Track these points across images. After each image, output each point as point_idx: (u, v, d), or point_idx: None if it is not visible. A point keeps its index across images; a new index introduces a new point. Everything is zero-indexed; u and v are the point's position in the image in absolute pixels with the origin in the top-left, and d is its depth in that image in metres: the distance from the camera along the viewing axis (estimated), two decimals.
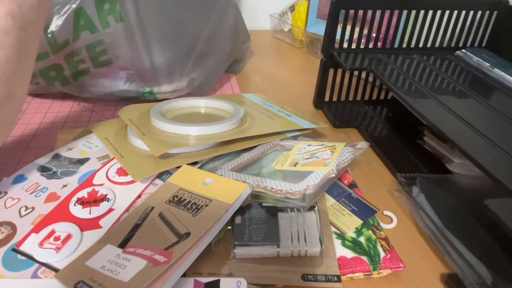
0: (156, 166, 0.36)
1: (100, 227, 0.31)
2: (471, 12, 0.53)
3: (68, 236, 0.30)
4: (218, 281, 0.27)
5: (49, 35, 0.45)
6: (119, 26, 0.46)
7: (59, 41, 0.46)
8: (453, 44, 0.55)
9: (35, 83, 0.51)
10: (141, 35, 0.48)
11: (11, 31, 0.27)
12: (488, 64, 0.50)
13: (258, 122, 0.45)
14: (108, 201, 0.34)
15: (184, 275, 0.27)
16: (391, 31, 0.52)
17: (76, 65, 0.48)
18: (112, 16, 0.46)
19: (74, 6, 0.45)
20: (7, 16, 0.27)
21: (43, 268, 0.28)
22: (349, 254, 0.31)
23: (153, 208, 0.32)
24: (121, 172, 0.37)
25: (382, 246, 0.32)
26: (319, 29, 0.77)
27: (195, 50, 0.52)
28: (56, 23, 0.45)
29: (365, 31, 0.51)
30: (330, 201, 0.36)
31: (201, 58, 0.53)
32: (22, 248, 0.29)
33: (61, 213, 0.32)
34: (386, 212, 0.37)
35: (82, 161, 0.39)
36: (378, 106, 0.57)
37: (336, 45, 0.52)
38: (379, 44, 0.53)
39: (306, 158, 0.39)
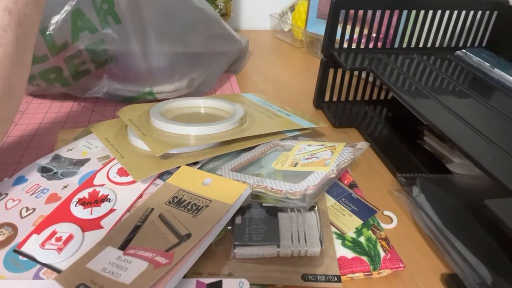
0: (156, 166, 0.36)
1: (101, 227, 0.31)
2: (471, 12, 0.53)
3: (70, 237, 0.30)
4: (220, 282, 0.27)
5: (47, 38, 0.45)
6: (119, 26, 0.46)
7: (57, 43, 0.46)
8: (453, 44, 0.55)
9: (36, 85, 0.51)
10: (140, 36, 0.48)
11: (8, 27, 0.27)
12: (488, 64, 0.50)
13: (258, 122, 0.45)
14: (109, 201, 0.34)
15: (184, 276, 0.27)
16: (391, 31, 0.52)
17: (77, 66, 0.48)
18: (111, 16, 0.46)
19: (70, 7, 0.45)
20: (4, 12, 0.27)
21: (45, 269, 0.28)
22: (349, 254, 0.31)
23: (153, 209, 0.32)
24: (121, 172, 0.37)
25: (382, 246, 0.32)
26: (319, 29, 0.77)
27: (194, 51, 0.52)
28: (53, 26, 0.45)
29: (365, 31, 0.51)
30: (330, 201, 0.36)
31: (200, 59, 0.53)
32: (24, 249, 0.29)
33: (62, 214, 0.32)
34: (386, 212, 0.38)
35: (82, 162, 0.39)
36: (378, 106, 0.58)
37: (336, 45, 0.52)
38: (379, 44, 0.53)
39: (306, 158, 0.39)
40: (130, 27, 0.47)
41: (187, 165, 0.37)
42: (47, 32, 0.45)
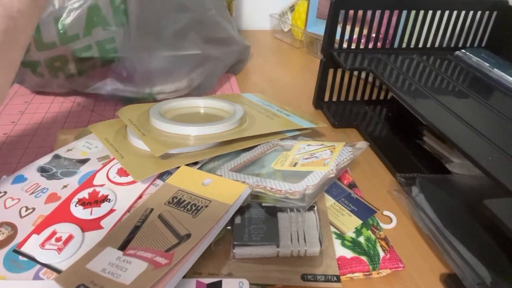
0: (156, 166, 0.36)
1: (101, 227, 0.31)
2: (471, 12, 0.53)
3: (70, 237, 0.30)
4: (220, 282, 0.27)
5: (59, 27, 0.45)
6: (128, 26, 0.46)
7: (68, 34, 0.46)
8: (453, 44, 0.55)
9: (39, 74, 0.50)
10: (144, 37, 0.48)
11: None
12: (488, 64, 0.50)
13: (257, 122, 0.45)
14: (109, 201, 0.34)
15: (184, 276, 0.27)
16: (391, 31, 0.52)
17: (84, 60, 0.48)
18: (125, 17, 0.46)
19: (89, 2, 0.45)
20: None
21: (45, 269, 0.28)
22: (348, 254, 0.31)
23: (152, 209, 0.32)
24: (121, 172, 0.37)
25: (381, 246, 0.32)
26: (319, 29, 0.77)
27: (195, 53, 0.52)
28: (68, 17, 0.45)
29: (365, 31, 0.51)
30: (329, 201, 0.36)
31: (200, 60, 0.53)
32: (24, 249, 0.29)
33: (62, 214, 0.32)
34: (385, 212, 0.38)
35: (82, 162, 0.39)
36: (378, 106, 0.58)
37: (336, 45, 0.52)
38: (379, 44, 0.53)
39: (306, 158, 0.39)
40: (136, 28, 0.47)
41: (187, 165, 0.37)
42: (61, 21, 0.45)
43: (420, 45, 0.54)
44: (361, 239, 0.32)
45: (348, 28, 0.50)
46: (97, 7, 0.45)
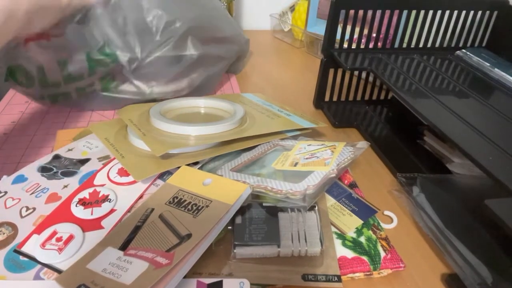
0: (157, 166, 0.36)
1: (102, 227, 0.31)
2: (471, 12, 0.53)
3: (70, 237, 0.30)
4: (221, 282, 0.27)
5: (64, 73, 0.47)
6: (124, 39, 0.47)
7: (73, 75, 0.47)
8: (453, 44, 0.55)
9: (41, 102, 0.52)
10: (143, 43, 0.48)
11: None
12: (488, 64, 0.50)
13: (258, 122, 0.45)
14: (109, 201, 0.34)
15: (184, 276, 0.27)
16: (391, 31, 0.52)
17: (87, 91, 0.50)
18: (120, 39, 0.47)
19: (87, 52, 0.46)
20: None
21: (46, 269, 0.28)
22: (349, 254, 0.31)
23: (153, 209, 0.32)
24: (122, 172, 0.37)
25: (382, 246, 0.32)
26: (319, 29, 0.77)
27: (194, 53, 0.52)
28: (72, 65, 0.46)
29: (365, 31, 0.51)
30: (330, 201, 0.36)
31: (201, 60, 0.53)
32: (24, 249, 0.29)
33: (62, 214, 0.32)
34: (386, 212, 0.38)
35: (82, 162, 0.39)
36: (378, 106, 0.58)
37: (336, 45, 0.52)
38: (379, 44, 0.53)
39: (306, 158, 0.39)
40: (135, 37, 0.47)
41: (187, 165, 0.37)
42: (65, 69, 0.46)
43: (421, 45, 0.54)
44: (362, 239, 0.32)
45: (349, 28, 0.50)
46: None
